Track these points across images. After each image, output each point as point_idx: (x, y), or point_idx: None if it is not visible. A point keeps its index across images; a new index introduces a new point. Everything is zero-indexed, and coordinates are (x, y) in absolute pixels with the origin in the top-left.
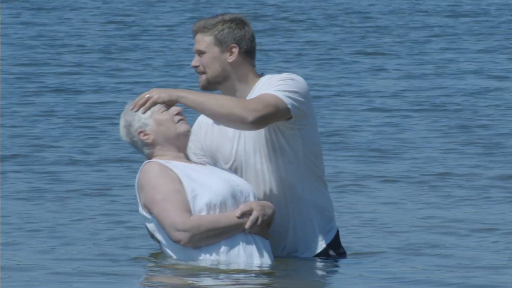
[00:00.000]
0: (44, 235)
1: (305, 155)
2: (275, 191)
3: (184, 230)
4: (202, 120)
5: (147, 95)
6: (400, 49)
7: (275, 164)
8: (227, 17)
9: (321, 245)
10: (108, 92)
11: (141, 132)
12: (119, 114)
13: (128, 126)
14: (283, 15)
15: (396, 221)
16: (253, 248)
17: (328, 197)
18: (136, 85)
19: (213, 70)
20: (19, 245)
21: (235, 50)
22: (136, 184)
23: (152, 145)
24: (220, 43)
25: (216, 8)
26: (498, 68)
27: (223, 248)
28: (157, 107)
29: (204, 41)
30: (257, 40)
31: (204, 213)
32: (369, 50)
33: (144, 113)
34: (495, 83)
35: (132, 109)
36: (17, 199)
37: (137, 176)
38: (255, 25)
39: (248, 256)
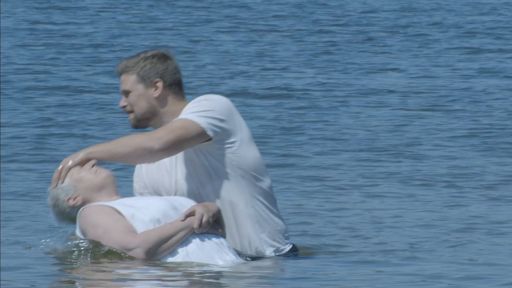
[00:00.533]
0: None
1: (244, 171)
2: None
3: (135, 247)
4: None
5: (60, 167)
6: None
7: (212, 186)
8: (149, 53)
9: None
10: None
11: (69, 199)
12: None
13: (56, 203)
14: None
15: (405, 220)
16: (210, 248)
17: (275, 211)
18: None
19: (140, 107)
20: None
21: (160, 84)
22: (78, 232)
23: (84, 203)
24: (144, 79)
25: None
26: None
27: (180, 253)
28: (73, 170)
29: (128, 80)
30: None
31: (146, 227)
32: (378, 49)
33: (62, 183)
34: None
35: (52, 188)
36: None
37: (77, 224)
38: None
39: (208, 256)
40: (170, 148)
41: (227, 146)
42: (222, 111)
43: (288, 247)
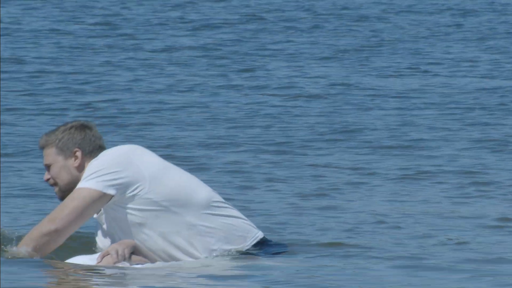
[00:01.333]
0: None
1: (168, 203)
2: (160, 251)
3: None
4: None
5: None
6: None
7: (146, 230)
8: (67, 125)
9: None
10: None
11: None
12: None
13: None
14: (305, 14)
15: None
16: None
17: (218, 221)
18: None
19: (62, 179)
20: None
21: (79, 154)
22: None
23: None
24: (63, 150)
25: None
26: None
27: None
28: None
29: (48, 154)
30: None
31: None
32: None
33: None
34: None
35: None
36: None
37: None
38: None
39: None
40: (71, 223)
41: (136, 191)
42: (112, 164)
43: (251, 242)
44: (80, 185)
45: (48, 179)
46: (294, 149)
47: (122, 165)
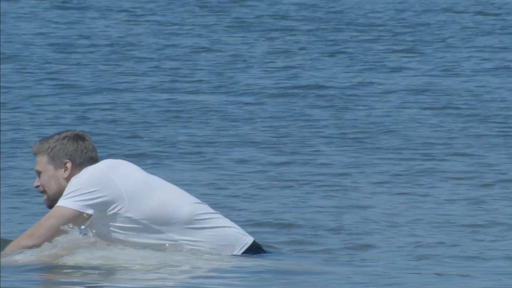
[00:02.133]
0: None
1: (149, 221)
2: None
3: None
4: None
5: None
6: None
7: (131, 245)
8: (62, 135)
9: None
10: None
11: None
12: None
13: None
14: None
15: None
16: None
17: (205, 233)
18: None
19: (51, 188)
20: None
21: (69, 165)
22: None
23: None
24: (53, 160)
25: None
26: None
27: None
28: None
29: (41, 161)
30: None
31: None
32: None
33: None
34: None
35: None
36: None
37: None
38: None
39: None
40: (45, 240)
41: (115, 210)
42: (91, 183)
43: (240, 249)
44: (59, 203)
45: (38, 186)
46: (307, 148)
47: (101, 184)
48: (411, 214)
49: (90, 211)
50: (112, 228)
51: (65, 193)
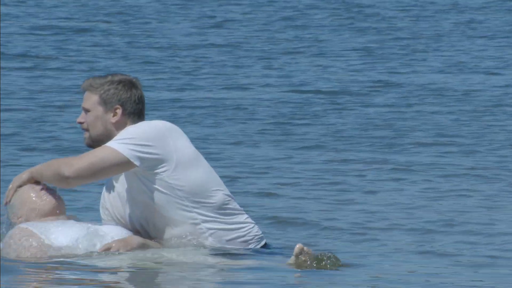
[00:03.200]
0: None
1: (185, 193)
2: (174, 235)
3: None
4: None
5: (10, 186)
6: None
7: (154, 209)
8: (116, 78)
9: None
10: None
11: (14, 221)
12: None
13: (6, 220)
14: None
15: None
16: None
17: (229, 222)
18: None
19: (96, 129)
20: None
21: (119, 112)
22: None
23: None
24: (105, 103)
25: None
26: None
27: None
28: (22, 190)
29: (90, 99)
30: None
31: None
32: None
33: (9, 201)
34: None
35: (4, 205)
36: None
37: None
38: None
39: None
40: (82, 176)
41: (159, 171)
42: (148, 137)
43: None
44: (110, 143)
45: (81, 123)
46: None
47: (157, 141)
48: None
49: (137, 163)
50: (145, 188)
51: (118, 137)
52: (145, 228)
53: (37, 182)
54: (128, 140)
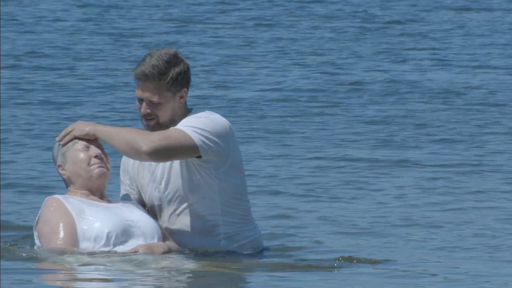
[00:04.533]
0: None
1: (224, 194)
2: (187, 227)
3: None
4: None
5: (70, 128)
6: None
7: (188, 202)
8: (176, 59)
9: None
10: None
11: (59, 166)
12: None
13: (54, 159)
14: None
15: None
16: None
17: (248, 227)
18: None
19: (166, 115)
20: None
21: (185, 93)
22: (37, 216)
23: (67, 182)
24: (175, 89)
25: None
26: None
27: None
28: (79, 145)
29: (156, 88)
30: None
31: (90, 245)
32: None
33: (63, 146)
34: None
35: (58, 140)
36: None
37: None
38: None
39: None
40: (158, 154)
41: (214, 167)
42: (218, 133)
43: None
44: (184, 129)
45: (148, 114)
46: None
47: (222, 138)
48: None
49: (202, 154)
50: (192, 176)
51: (189, 123)
52: (161, 209)
53: (93, 141)
54: (200, 131)
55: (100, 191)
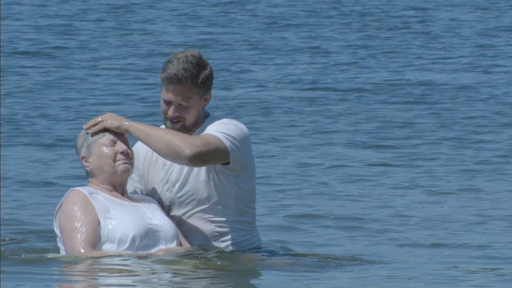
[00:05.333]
0: None
1: (237, 201)
2: (196, 230)
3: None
4: (142, 152)
5: (100, 119)
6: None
7: (201, 207)
8: (200, 62)
9: None
10: None
11: (83, 157)
12: None
13: (78, 149)
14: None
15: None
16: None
17: (253, 232)
18: None
19: (192, 118)
20: None
21: (210, 96)
22: (58, 205)
23: (90, 174)
24: (202, 90)
25: None
26: None
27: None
28: (106, 139)
29: (187, 91)
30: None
31: (113, 247)
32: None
33: (92, 136)
34: None
35: (85, 128)
36: None
37: (62, 198)
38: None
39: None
40: (198, 159)
41: (235, 174)
42: (244, 140)
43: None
44: (218, 135)
45: (177, 116)
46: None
47: (247, 146)
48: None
49: (230, 161)
50: (211, 181)
51: (220, 129)
52: (170, 210)
53: (121, 136)
54: (231, 138)
55: (122, 186)
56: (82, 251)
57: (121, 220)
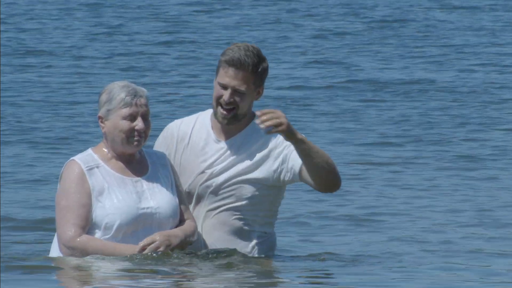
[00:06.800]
0: None
1: (271, 203)
2: (223, 225)
3: (69, 247)
4: (178, 135)
5: (280, 120)
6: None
7: (237, 204)
8: (260, 54)
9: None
10: None
11: (100, 118)
12: None
13: (99, 103)
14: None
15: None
16: None
17: (273, 239)
18: None
19: (245, 107)
20: None
21: (262, 91)
22: (60, 175)
23: (103, 135)
24: (259, 83)
25: None
26: None
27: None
28: (127, 111)
29: (245, 79)
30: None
31: (98, 232)
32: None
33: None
34: None
35: (259, 115)
36: None
37: (63, 168)
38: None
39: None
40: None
41: (285, 187)
42: None
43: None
44: None
45: (230, 102)
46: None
47: None
48: None
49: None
50: (266, 184)
51: None
52: (200, 200)
53: (146, 117)
54: None
55: (127, 158)
56: (70, 233)
57: (111, 205)
